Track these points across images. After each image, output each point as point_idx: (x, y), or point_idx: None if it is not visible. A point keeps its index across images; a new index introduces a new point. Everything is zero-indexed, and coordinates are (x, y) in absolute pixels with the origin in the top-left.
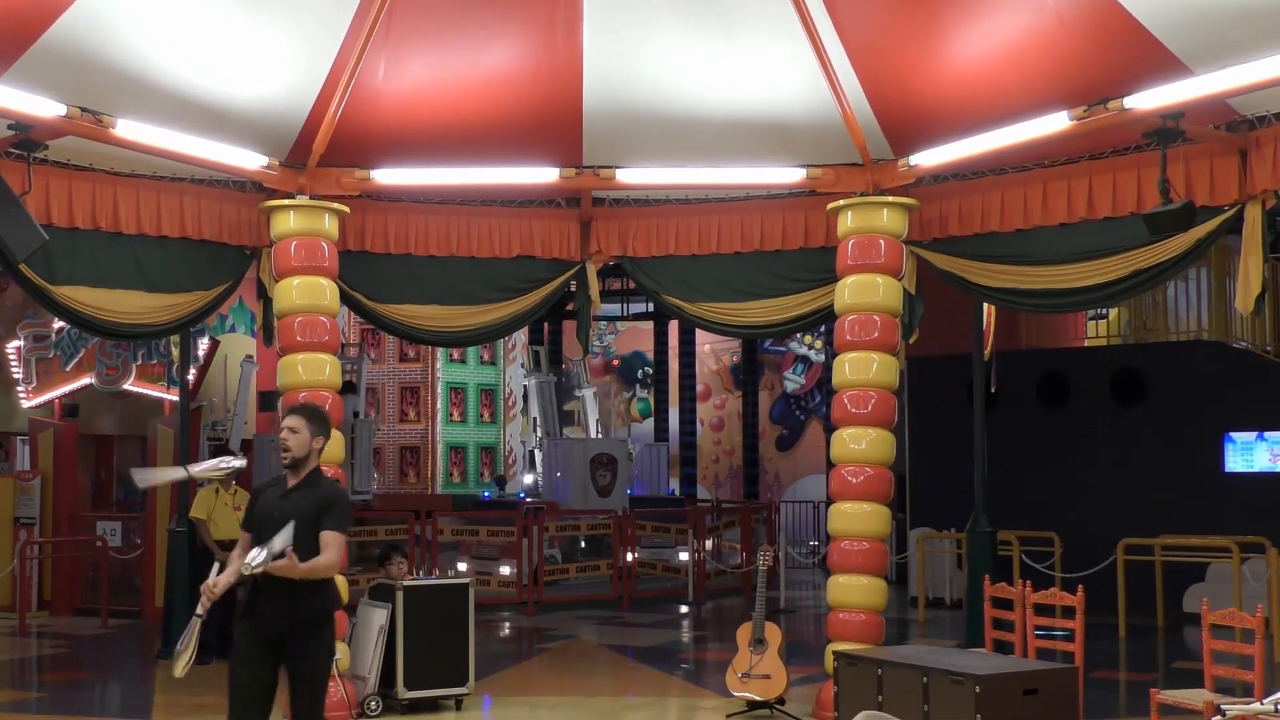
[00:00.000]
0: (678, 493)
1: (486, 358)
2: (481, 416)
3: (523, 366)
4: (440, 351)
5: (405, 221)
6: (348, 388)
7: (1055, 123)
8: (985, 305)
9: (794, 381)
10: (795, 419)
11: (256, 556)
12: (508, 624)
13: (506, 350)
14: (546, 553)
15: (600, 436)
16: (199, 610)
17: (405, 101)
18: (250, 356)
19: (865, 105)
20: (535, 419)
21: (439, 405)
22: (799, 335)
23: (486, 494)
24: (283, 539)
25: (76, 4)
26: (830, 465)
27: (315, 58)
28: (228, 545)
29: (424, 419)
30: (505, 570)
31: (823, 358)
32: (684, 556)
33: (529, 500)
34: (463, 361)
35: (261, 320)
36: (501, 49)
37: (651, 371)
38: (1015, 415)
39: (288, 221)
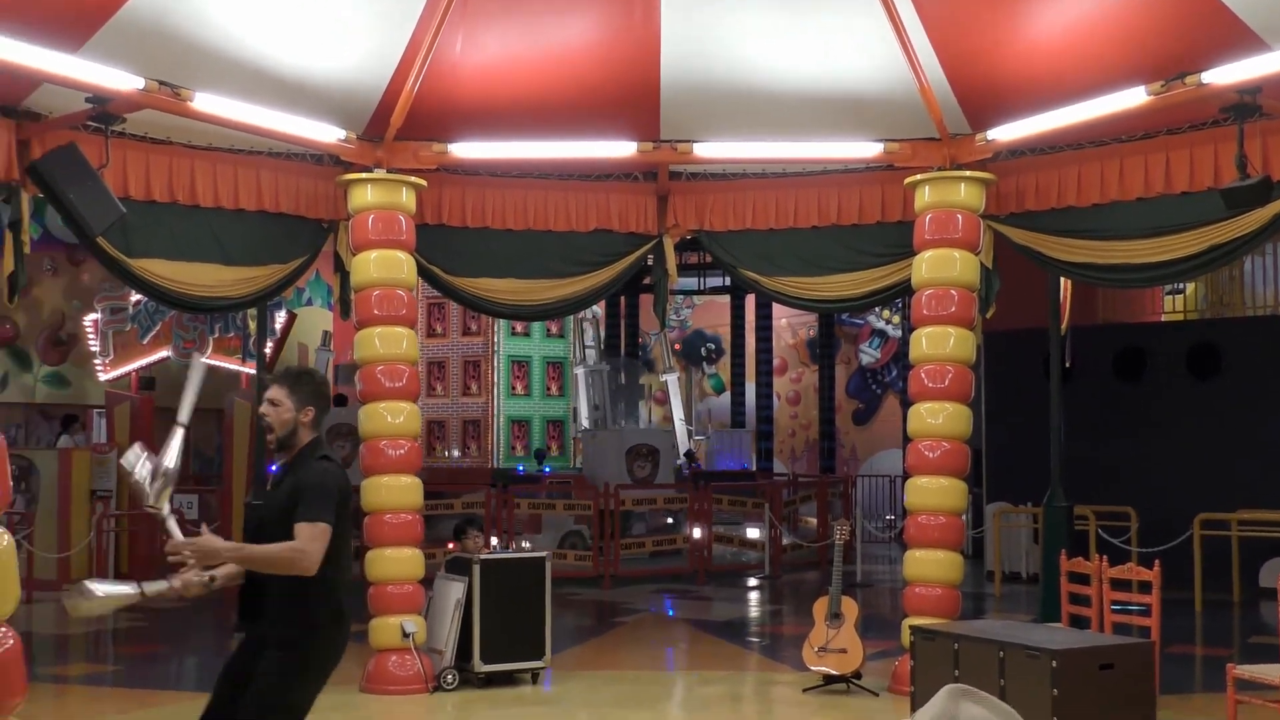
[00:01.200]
0: (753, 468)
1: (554, 331)
2: (548, 390)
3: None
4: (502, 325)
5: (482, 195)
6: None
7: (1132, 98)
8: (1062, 280)
9: (870, 355)
10: (871, 393)
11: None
12: (583, 598)
13: (576, 323)
14: (573, 528)
15: (683, 421)
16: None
17: (483, 75)
18: (326, 336)
19: (943, 79)
20: (576, 408)
21: (499, 379)
22: (876, 308)
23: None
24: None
25: None
26: (907, 440)
27: (393, 31)
28: None
29: (485, 392)
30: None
31: (899, 333)
32: (754, 534)
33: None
34: (526, 335)
35: (339, 294)
36: (579, 22)
37: (715, 348)
38: (1092, 390)
39: (365, 195)
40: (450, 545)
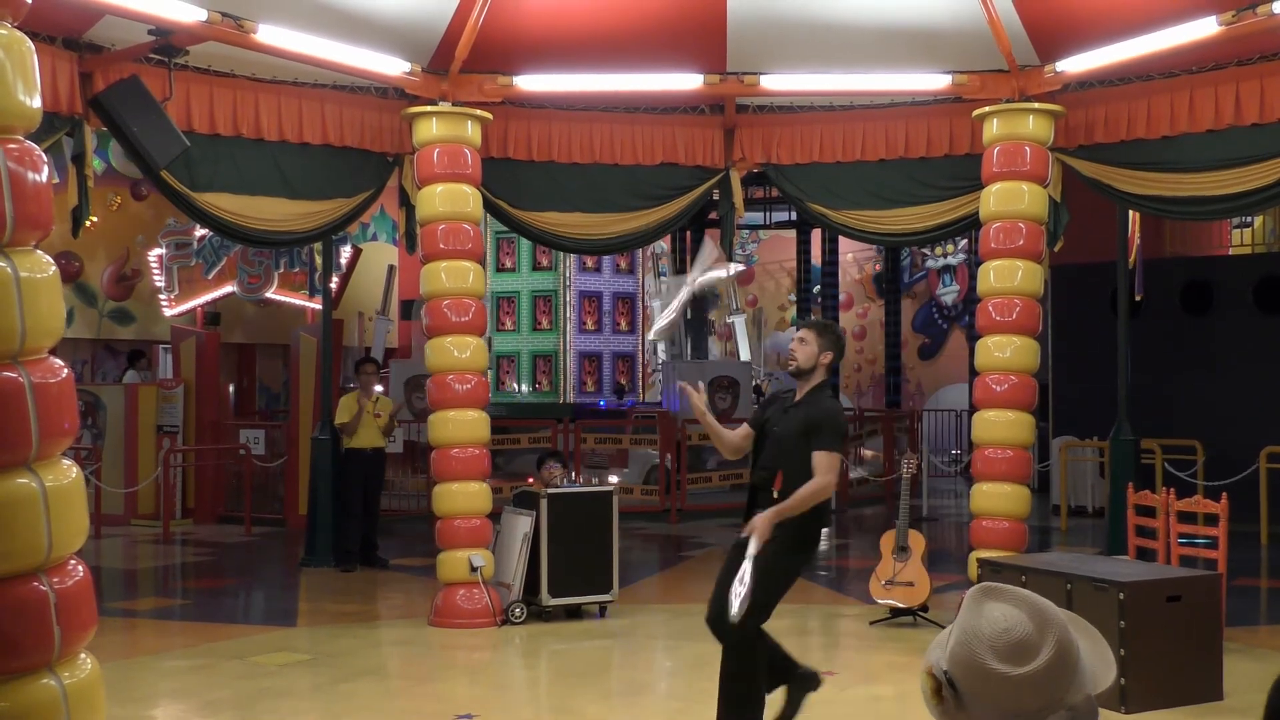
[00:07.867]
0: None
1: (623, 266)
2: (617, 325)
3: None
4: (571, 259)
5: (548, 128)
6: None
7: (1203, 28)
8: (1130, 213)
9: (950, 292)
10: (937, 328)
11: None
12: (650, 532)
13: (646, 258)
14: (657, 462)
15: (750, 364)
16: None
17: (548, 7)
18: (392, 270)
19: (1011, 11)
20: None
21: (571, 314)
22: (931, 250)
23: (602, 403)
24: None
25: None
26: (973, 373)
27: None
28: (367, 454)
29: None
30: (613, 479)
31: (962, 256)
32: None
33: (634, 409)
34: (597, 270)
35: (404, 228)
36: None
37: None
38: (1159, 323)
39: (430, 128)
40: (530, 481)
